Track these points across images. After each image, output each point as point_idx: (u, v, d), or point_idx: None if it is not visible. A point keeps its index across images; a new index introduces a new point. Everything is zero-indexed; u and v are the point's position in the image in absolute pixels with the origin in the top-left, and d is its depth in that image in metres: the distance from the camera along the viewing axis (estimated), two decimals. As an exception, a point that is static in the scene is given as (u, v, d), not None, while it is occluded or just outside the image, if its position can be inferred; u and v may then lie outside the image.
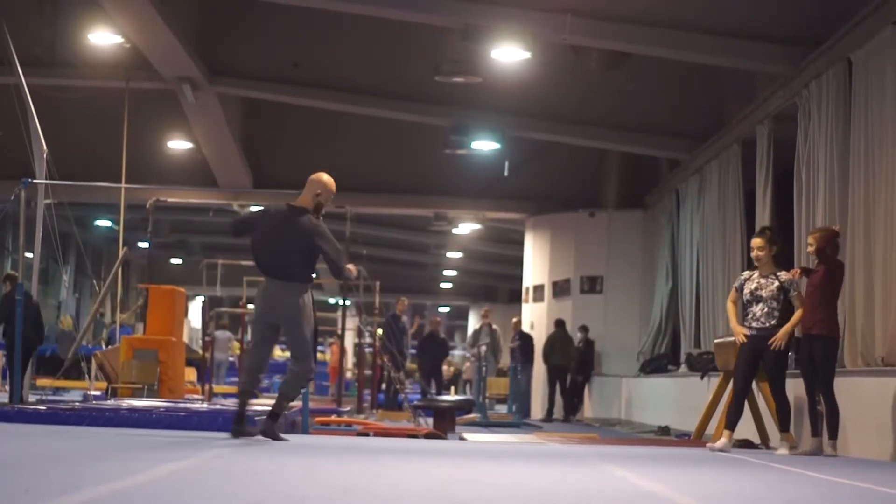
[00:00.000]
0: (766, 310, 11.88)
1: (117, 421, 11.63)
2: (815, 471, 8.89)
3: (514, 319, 26.35)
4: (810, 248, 11.90)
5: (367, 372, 25.19)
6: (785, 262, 16.29)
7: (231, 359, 32.22)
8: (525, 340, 25.28)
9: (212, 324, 30.70)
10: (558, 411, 25.29)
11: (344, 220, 23.13)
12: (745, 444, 13.28)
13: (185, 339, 21.18)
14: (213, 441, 9.65)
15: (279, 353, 33.49)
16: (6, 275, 16.99)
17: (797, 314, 11.85)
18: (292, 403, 11.56)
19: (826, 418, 11.51)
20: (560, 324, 25.45)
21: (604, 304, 25.63)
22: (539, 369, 25.76)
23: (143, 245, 22.42)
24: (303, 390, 11.65)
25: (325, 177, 10.81)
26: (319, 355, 33.39)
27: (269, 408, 10.47)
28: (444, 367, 30.32)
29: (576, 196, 26.13)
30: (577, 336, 25.30)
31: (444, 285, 49.50)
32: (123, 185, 20.76)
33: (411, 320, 29.01)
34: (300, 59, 22.15)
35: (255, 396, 11.75)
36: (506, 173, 25.68)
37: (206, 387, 21.98)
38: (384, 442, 11.63)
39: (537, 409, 26.05)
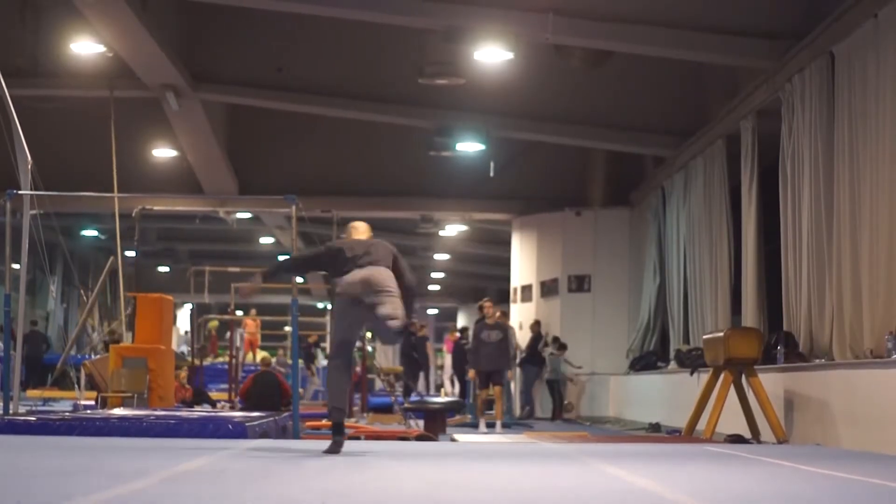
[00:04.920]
0: None
1: (108, 430, 11.61)
2: (806, 464, 8.90)
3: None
4: None
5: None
6: (774, 257, 16.37)
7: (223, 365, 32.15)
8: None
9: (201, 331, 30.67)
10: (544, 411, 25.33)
11: (330, 225, 23.14)
12: (737, 439, 13.31)
13: (174, 346, 21.14)
14: (205, 448, 9.63)
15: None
16: None
17: None
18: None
19: None
20: (537, 324, 25.70)
21: (592, 303, 25.63)
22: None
23: (130, 254, 22.33)
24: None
25: None
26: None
27: None
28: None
29: (562, 195, 26.14)
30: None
31: (431, 287, 49.45)
32: (101, 194, 20.68)
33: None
34: (283, 65, 22.13)
35: None
36: (492, 174, 25.69)
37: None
38: (375, 445, 11.61)
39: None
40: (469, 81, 20.65)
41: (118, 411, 14.18)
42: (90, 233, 38.04)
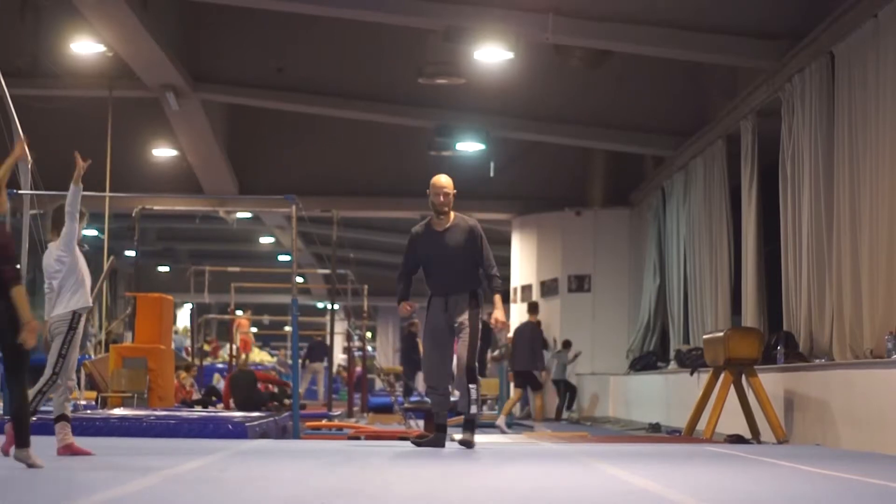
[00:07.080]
0: None
1: (108, 430, 11.62)
2: (807, 464, 8.90)
3: None
4: None
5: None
6: (774, 257, 16.37)
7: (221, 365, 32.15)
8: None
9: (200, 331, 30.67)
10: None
11: (330, 224, 23.14)
12: (737, 439, 13.31)
13: (174, 346, 21.13)
14: (205, 448, 9.64)
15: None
16: None
17: None
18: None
19: None
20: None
21: (592, 303, 25.62)
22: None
23: (130, 254, 22.34)
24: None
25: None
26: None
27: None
28: None
29: (562, 195, 26.13)
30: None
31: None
32: (101, 194, 20.63)
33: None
34: (283, 65, 22.12)
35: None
36: (492, 174, 25.68)
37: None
38: (375, 445, 11.62)
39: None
40: (469, 81, 20.64)
41: (118, 411, 14.18)
42: (90, 232, 37.98)
